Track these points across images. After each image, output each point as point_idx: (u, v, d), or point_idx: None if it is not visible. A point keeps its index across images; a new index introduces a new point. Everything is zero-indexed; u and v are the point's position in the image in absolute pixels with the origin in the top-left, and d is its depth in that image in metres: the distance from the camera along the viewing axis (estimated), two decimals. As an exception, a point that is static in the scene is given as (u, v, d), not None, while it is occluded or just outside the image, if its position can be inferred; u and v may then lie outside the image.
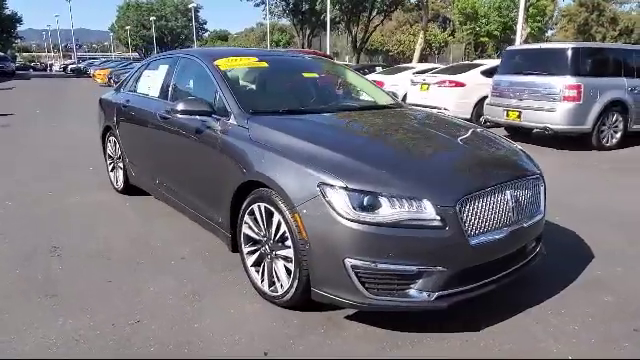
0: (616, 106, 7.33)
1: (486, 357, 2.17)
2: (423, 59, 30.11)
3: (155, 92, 3.88)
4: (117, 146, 4.56)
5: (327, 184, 2.19)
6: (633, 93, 7.48)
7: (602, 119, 7.24)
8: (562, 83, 7.04)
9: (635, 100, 7.50)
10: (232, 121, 2.87)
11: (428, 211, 2.13)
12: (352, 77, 4.08)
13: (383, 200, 2.14)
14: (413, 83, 10.64)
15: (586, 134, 7.30)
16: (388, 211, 2.13)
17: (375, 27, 36.73)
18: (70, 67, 44.34)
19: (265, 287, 2.62)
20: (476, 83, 9.75)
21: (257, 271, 2.70)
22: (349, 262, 2.15)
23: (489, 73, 9.94)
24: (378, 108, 3.42)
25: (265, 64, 3.55)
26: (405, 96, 10.79)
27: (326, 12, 27.40)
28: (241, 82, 3.22)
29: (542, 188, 2.65)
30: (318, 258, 2.24)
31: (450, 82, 9.83)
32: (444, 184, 2.27)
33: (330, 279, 2.24)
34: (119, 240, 3.53)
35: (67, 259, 3.19)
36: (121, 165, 4.57)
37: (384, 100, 3.68)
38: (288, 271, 2.45)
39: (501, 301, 2.60)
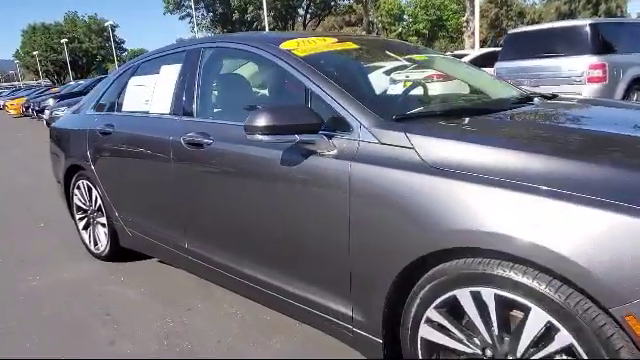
0: (637, 84, 6.78)
1: None
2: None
3: (163, 107, 2.49)
4: (94, 193, 3.09)
5: None
6: (650, 69, 6.98)
7: (626, 99, 6.65)
8: (584, 63, 6.36)
9: (653, 76, 7.00)
10: (363, 137, 1.61)
11: None
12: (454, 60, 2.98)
13: None
14: (393, 81, 9.71)
15: (611, 117, 6.68)
16: None
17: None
18: (-28, 100, 39.53)
19: None
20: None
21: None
22: None
23: (474, 63, 9.29)
24: (548, 98, 2.28)
25: (353, 45, 2.32)
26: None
27: (258, 20, 26.23)
28: (335, 74, 1.96)
29: None
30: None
31: (438, 76, 9.01)
32: None
33: None
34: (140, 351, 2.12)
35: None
36: (103, 220, 3.09)
37: (517, 91, 2.57)
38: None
39: None
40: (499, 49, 8.64)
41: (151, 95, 2.64)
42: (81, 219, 3.35)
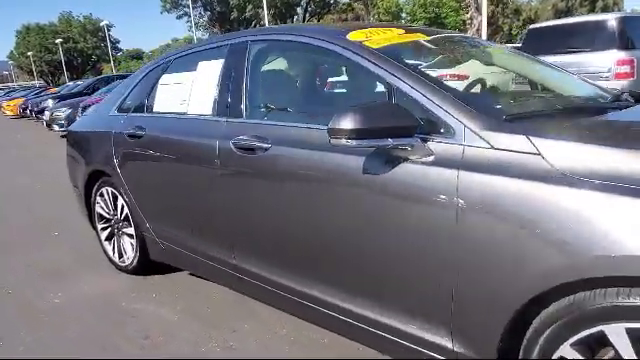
0: (663, 80, 6.58)
1: None
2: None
3: (204, 108, 2.25)
4: (120, 201, 2.84)
5: None
6: (674, 65, 6.78)
7: (653, 96, 6.45)
8: (611, 59, 6.16)
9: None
10: (469, 141, 1.37)
11: None
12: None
13: None
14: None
15: None
16: None
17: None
18: (-33, 101, 38.96)
19: None
20: (477, 73, 8.82)
21: None
22: None
23: (488, 60, 9.08)
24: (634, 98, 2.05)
25: (424, 36, 2.08)
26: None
27: (256, 18, 25.91)
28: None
29: None
30: None
31: (452, 76, 8.78)
32: None
33: None
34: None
35: None
36: (130, 231, 2.85)
37: (600, 89, 2.34)
38: None
39: None
40: (516, 45, 8.44)
41: (188, 94, 2.39)
42: (104, 229, 3.10)
